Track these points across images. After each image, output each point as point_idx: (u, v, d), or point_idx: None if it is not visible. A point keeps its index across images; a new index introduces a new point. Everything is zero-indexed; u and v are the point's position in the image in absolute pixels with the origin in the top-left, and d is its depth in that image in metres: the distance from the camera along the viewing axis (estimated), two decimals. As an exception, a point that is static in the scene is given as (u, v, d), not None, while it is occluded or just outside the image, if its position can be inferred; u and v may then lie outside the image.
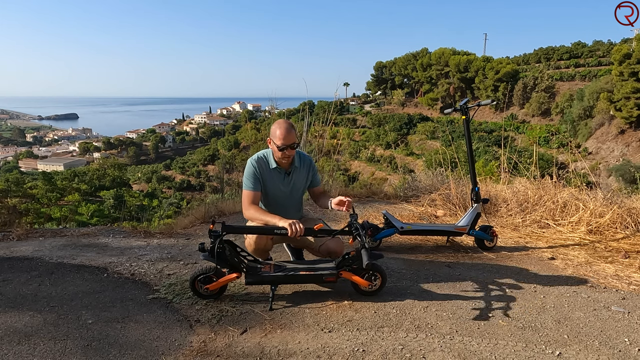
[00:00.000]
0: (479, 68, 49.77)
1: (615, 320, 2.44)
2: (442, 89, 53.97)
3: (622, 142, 36.17)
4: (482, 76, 49.64)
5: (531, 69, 51.15)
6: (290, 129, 2.65)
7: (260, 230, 2.57)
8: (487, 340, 2.20)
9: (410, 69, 58.01)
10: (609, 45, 49.69)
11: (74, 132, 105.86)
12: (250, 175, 2.73)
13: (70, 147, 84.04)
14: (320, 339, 2.21)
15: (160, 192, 52.23)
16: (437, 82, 54.86)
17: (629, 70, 35.24)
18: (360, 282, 2.61)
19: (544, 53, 55.48)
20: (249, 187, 2.73)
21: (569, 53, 52.66)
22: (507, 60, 51.59)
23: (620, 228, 4.00)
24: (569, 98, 44.15)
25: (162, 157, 73.81)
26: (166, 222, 15.08)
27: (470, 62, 50.66)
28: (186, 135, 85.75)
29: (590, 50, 51.47)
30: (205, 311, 2.48)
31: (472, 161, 3.65)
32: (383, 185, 11.33)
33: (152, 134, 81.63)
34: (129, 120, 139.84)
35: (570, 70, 48.53)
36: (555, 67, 51.15)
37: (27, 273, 2.97)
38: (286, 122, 2.67)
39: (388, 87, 62.44)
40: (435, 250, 3.61)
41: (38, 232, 4.00)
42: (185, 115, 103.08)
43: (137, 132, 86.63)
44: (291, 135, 2.64)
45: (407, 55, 58.72)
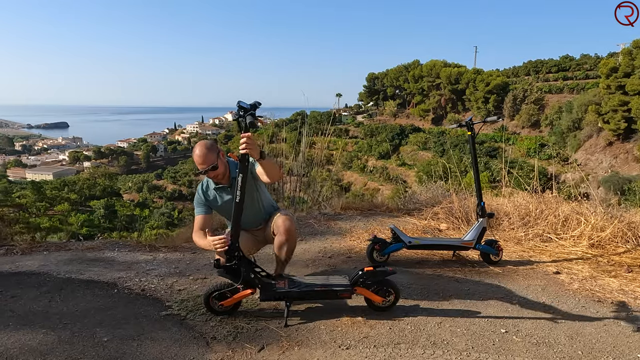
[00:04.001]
0: (469, 80, 50.42)
1: (626, 336, 2.48)
2: (434, 100, 54.54)
3: (610, 154, 36.77)
4: (473, 88, 50.26)
5: (521, 82, 51.91)
6: (205, 152, 2.60)
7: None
8: (504, 356, 2.23)
9: (402, 81, 58.59)
10: (596, 58, 50.71)
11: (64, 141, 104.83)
12: (197, 202, 2.82)
13: (60, 156, 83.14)
14: (338, 356, 2.21)
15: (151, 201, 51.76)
16: (428, 93, 55.44)
17: (615, 83, 35.97)
18: (374, 298, 2.63)
19: (533, 66, 56.40)
20: (196, 213, 2.81)
21: (557, 66, 53.59)
22: (497, 73, 52.40)
23: (621, 242, 4.07)
24: (558, 110, 44.85)
25: (153, 167, 73.33)
26: (166, 234, 14.89)
27: (461, 74, 51.32)
28: (178, 144, 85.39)
29: (577, 64, 52.44)
30: (220, 328, 2.47)
31: (478, 176, 3.71)
32: (376, 196, 11.36)
33: (143, 143, 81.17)
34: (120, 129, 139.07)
35: (558, 83, 49.36)
36: (544, 79, 51.98)
37: (36, 289, 2.94)
38: (200, 146, 2.62)
39: (380, 98, 62.97)
40: (442, 265, 3.64)
41: (42, 245, 3.96)
42: (177, 125, 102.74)
43: (128, 141, 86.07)
44: (207, 158, 2.60)
45: (398, 66, 59.34)
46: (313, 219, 4.83)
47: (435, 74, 53.47)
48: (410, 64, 58.12)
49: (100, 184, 47.84)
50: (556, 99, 47.42)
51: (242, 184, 2.41)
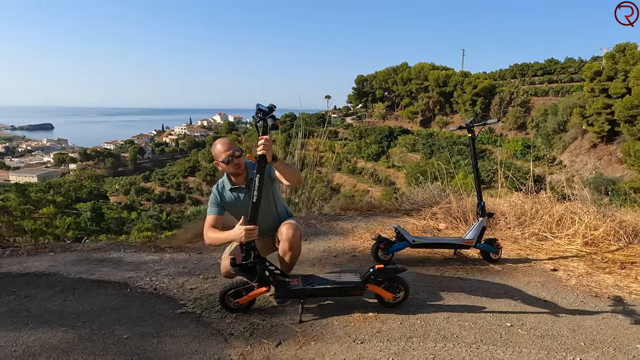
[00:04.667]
0: (457, 83, 50.99)
1: (624, 328, 2.60)
2: (422, 102, 55.02)
3: (595, 156, 37.51)
4: (461, 91, 50.85)
5: (507, 84, 52.69)
6: (227, 141, 2.76)
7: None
8: (512, 348, 2.33)
9: (390, 83, 59.01)
10: (580, 62, 51.76)
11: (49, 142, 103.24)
12: (211, 202, 2.85)
13: (45, 158, 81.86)
14: (354, 350, 2.29)
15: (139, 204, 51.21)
16: (417, 95, 55.91)
17: (599, 87, 36.75)
18: (385, 295, 2.72)
19: (519, 69, 57.31)
20: (209, 213, 2.83)
21: (542, 69, 54.56)
22: (484, 76, 53.05)
23: (613, 240, 4.22)
24: (543, 113, 45.63)
25: (140, 169, 72.63)
26: (154, 236, 14.89)
27: (449, 76, 51.89)
28: (166, 146, 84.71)
29: (562, 67, 53.45)
30: (236, 324, 2.53)
31: (478, 177, 3.83)
32: (366, 197, 11.43)
33: (130, 145, 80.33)
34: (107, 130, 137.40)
35: (544, 86, 50.23)
36: (530, 82, 52.86)
37: (48, 289, 2.97)
38: (220, 139, 2.79)
39: (369, 100, 63.31)
40: (444, 263, 3.75)
41: (47, 247, 3.97)
42: (165, 127, 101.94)
43: (115, 143, 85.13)
44: (230, 146, 2.72)
45: (387, 69, 59.75)
46: (314, 220, 4.91)
47: (424, 77, 53.98)
48: (399, 66, 58.58)
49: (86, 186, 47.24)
50: (542, 101, 48.24)
51: (259, 185, 2.48)
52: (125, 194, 58.44)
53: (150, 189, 60.69)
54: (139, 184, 61.96)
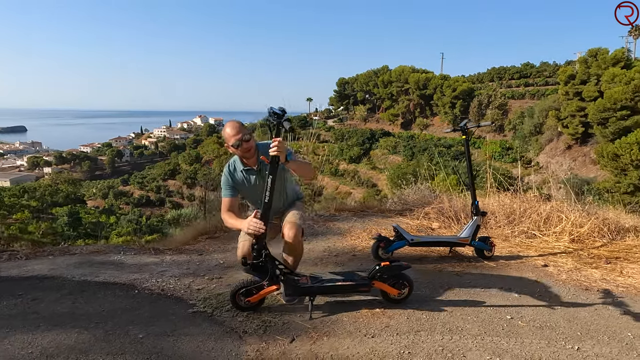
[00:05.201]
0: (437, 86, 51.88)
1: (615, 318, 2.77)
2: (403, 105, 55.74)
3: (570, 157, 38.67)
4: (440, 93, 51.74)
5: (485, 87, 53.86)
6: (238, 124, 2.73)
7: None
8: (514, 339, 2.46)
9: (371, 86, 59.60)
10: (555, 66, 53.30)
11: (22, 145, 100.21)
12: (224, 183, 2.86)
13: (18, 162, 79.45)
14: (366, 344, 2.38)
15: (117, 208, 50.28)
16: (397, 98, 56.63)
17: (573, 90, 37.95)
18: (391, 291, 2.82)
19: (496, 72, 58.66)
20: (224, 195, 2.86)
21: (519, 73, 55.99)
22: (463, 79, 54.13)
23: (598, 237, 4.43)
24: (520, 115, 46.79)
25: (119, 172, 71.27)
26: (133, 240, 14.70)
27: (429, 79, 52.74)
28: (145, 149, 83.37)
29: (538, 71, 54.96)
30: (249, 322, 2.59)
31: (472, 178, 3.98)
32: (347, 198, 11.54)
33: (108, 148, 78.78)
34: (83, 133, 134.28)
35: (520, 89, 51.53)
36: (507, 85, 54.14)
37: (55, 292, 2.96)
38: (231, 122, 2.77)
39: (350, 103, 63.78)
40: (441, 261, 3.87)
41: (46, 250, 3.94)
42: (144, 129, 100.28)
43: (92, 146, 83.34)
44: (240, 130, 2.70)
45: (368, 72, 60.35)
46: (311, 220, 4.99)
47: (404, 80, 54.71)
48: (380, 69, 59.22)
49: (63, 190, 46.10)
50: (518, 104, 49.47)
51: (271, 186, 2.55)
52: (103, 197, 57.29)
53: (129, 193, 59.62)
54: (117, 188, 60.82)
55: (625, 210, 5.27)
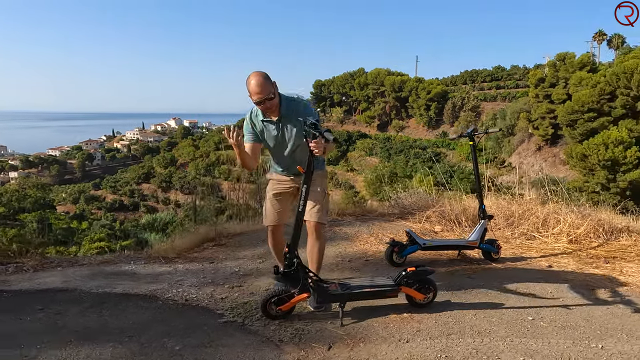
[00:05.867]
0: (412, 88, 52.74)
1: (628, 317, 2.92)
2: (379, 107, 56.39)
3: (540, 157, 39.99)
4: (415, 96, 52.64)
5: (458, 90, 55.11)
6: (263, 81, 2.62)
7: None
8: (541, 340, 2.57)
9: (348, 88, 60.05)
10: (524, 69, 55.02)
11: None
12: (245, 129, 2.86)
13: (-19, 166, 76.09)
14: (402, 349, 2.44)
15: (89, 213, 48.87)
16: (373, 100, 57.24)
17: (543, 93, 39.31)
18: (417, 296, 2.88)
19: (469, 75, 60.09)
20: (245, 141, 2.83)
21: (490, 76, 57.54)
22: (437, 82, 55.23)
23: (594, 237, 4.64)
24: (493, 117, 48.07)
25: (90, 176, 69.24)
26: (108, 246, 14.30)
27: (404, 82, 53.56)
28: (117, 152, 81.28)
29: (508, 74, 56.64)
30: (282, 331, 2.61)
31: (479, 182, 4.10)
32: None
33: (78, 151, 76.42)
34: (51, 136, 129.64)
35: (492, 92, 52.98)
36: (479, 88, 55.56)
37: (76, 305, 2.90)
38: (257, 76, 2.64)
39: (327, 105, 64.04)
40: (451, 264, 3.98)
41: (53, 262, 3.83)
42: (116, 132, 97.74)
43: (61, 149, 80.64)
44: (264, 88, 2.61)
45: (345, 74, 60.77)
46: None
47: (380, 82, 55.36)
48: (356, 71, 59.73)
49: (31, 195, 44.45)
50: (491, 106, 50.84)
51: (306, 195, 2.58)
52: (73, 202, 55.55)
53: (101, 197, 58.03)
54: (88, 192, 59.11)
55: (615, 212, 5.53)
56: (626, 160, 29.71)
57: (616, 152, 29.68)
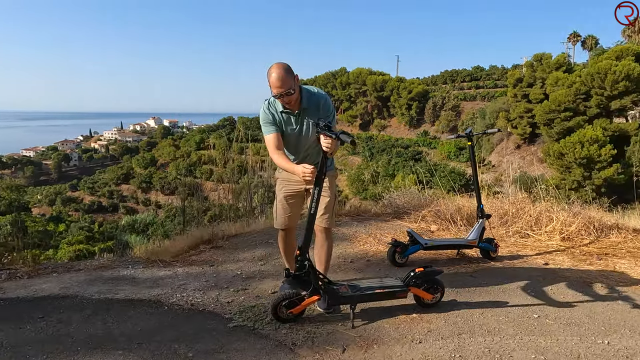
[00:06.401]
0: (393, 88, 53.10)
1: (627, 312, 3.00)
2: (361, 106, 56.63)
3: (519, 156, 40.81)
4: (397, 95, 53.02)
5: (439, 89, 55.79)
6: (284, 75, 2.56)
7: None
8: (549, 337, 2.61)
9: (330, 87, 60.03)
10: (503, 69, 56.09)
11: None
12: (264, 121, 2.78)
13: (-50, 167, 73.38)
14: (416, 350, 2.45)
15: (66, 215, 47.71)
16: (355, 100, 57.45)
17: (521, 92, 40.12)
18: (425, 296, 2.90)
19: (449, 75, 60.93)
20: (267, 132, 2.78)
21: (470, 76, 58.46)
22: (418, 81, 55.78)
23: (585, 234, 4.76)
24: (472, 116, 48.84)
25: (66, 177, 67.51)
26: (87, 249, 14.02)
27: (386, 82, 53.89)
28: (95, 152, 79.50)
29: (487, 74, 57.64)
30: (294, 334, 2.59)
31: (477, 181, 4.16)
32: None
33: (54, 152, 74.43)
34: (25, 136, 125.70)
35: (472, 92, 53.81)
36: (459, 88, 56.37)
37: (78, 312, 2.81)
38: (278, 68, 2.58)
39: (309, 104, 63.96)
40: (451, 263, 4.02)
41: (47, 267, 3.71)
42: (93, 132, 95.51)
43: (36, 150, 78.41)
44: (285, 82, 2.56)
45: (326, 73, 60.82)
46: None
47: (362, 82, 55.57)
48: (338, 71, 59.84)
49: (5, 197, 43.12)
50: (470, 106, 51.62)
51: (318, 196, 2.56)
52: (50, 204, 54.13)
53: (79, 199, 56.68)
54: (65, 194, 57.64)
55: (603, 209, 5.68)
56: (601, 158, 30.60)
57: (591, 150, 30.55)
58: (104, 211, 54.15)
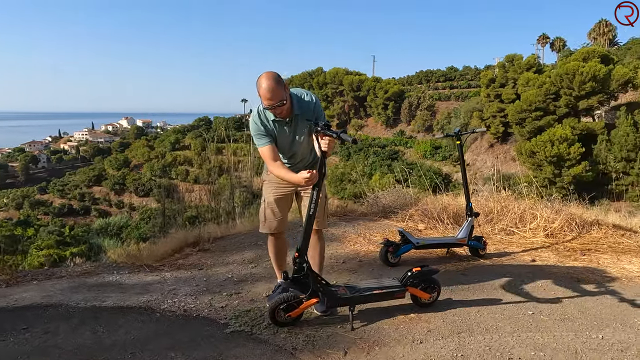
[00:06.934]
0: (370, 87, 53.48)
1: (616, 306, 3.07)
2: (338, 106, 56.78)
3: (493, 155, 41.75)
4: (373, 95, 53.42)
5: (414, 90, 56.53)
6: (275, 86, 2.51)
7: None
8: (546, 333, 2.65)
9: (307, 87, 59.91)
10: (475, 70, 57.23)
11: None
12: (256, 132, 2.73)
13: None
14: (418, 350, 2.44)
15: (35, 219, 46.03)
16: (332, 100, 57.55)
17: (494, 92, 41.04)
18: (423, 295, 2.90)
19: (424, 75, 61.78)
20: (262, 144, 2.74)
21: (444, 76, 59.43)
22: (394, 81, 56.34)
23: (568, 231, 4.87)
24: (447, 116, 49.67)
25: (34, 180, 65.09)
26: (57, 253, 13.62)
27: (362, 81, 54.21)
28: (64, 154, 76.97)
29: (461, 74, 58.70)
30: (293, 338, 2.53)
31: (466, 181, 4.19)
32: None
33: (20, 153, 71.68)
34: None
35: (446, 92, 54.73)
36: (434, 88, 57.24)
37: (64, 321, 2.68)
38: (268, 80, 2.52)
39: (285, 104, 63.75)
40: (441, 261, 4.04)
41: (27, 275, 3.54)
42: (63, 132, 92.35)
43: (2, 152, 75.39)
44: (276, 94, 2.52)
45: (303, 73, 60.67)
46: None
47: (339, 81, 55.73)
48: (314, 70, 59.80)
49: (-32, 201, 41.34)
50: (445, 105, 52.49)
51: (316, 198, 2.52)
52: (17, 208, 52.19)
53: (48, 202, 54.85)
54: (33, 197, 55.69)
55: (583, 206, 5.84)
56: (570, 156, 31.64)
57: (561, 148, 31.55)
58: (75, 214, 52.62)
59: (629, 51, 45.68)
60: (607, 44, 50.44)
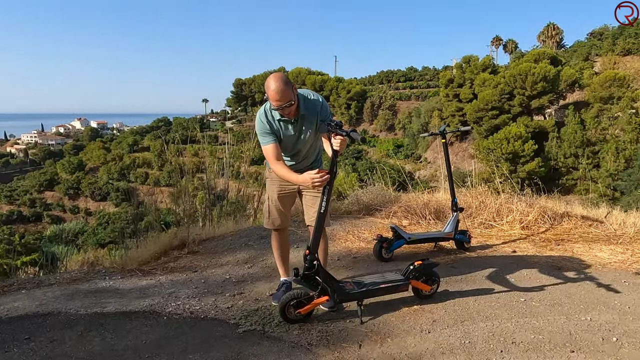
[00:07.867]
0: (332, 87, 53.93)
1: (597, 290, 3.31)
2: (301, 106, 56.83)
3: (452, 153, 43.11)
4: (336, 95, 53.90)
5: (376, 89, 57.49)
6: (283, 87, 2.55)
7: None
8: (541, 319, 2.83)
9: (269, 87, 59.70)
10: (434, 71, 58.97)
11: None
12: (261, 131, 2.76)
13: None
14: (428, 340, 2.55)
15: (-20, 227, 43.24)
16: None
17: (452, 92, 42.43)
18: (424, 288, 3.02)
19: (385, 75, 62.95)
20: (266, 143, 2.77)
21: (404, 76, 60.81)
22: (356, 81, 57.08)
23: (541, 223, 5.17)
24: (408, 115, 50.88)
25: (-22, 185, 61.09)
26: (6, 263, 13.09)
27: (325, 81, 54.57)
28: (11, 157, 72.60)
29: (420, 75, 60.31)
30: (307, 334, 2.58)
31: (451, 177, 4.37)
32: (251, 202, 11.56)
33: (-39, 158, 67.05)
34: None
35: (407, 91, 56.03)
36: (395, 88, 58.46)
37: (69, 329, 2.60)
38: (277, 81, 2.56)
39: (248, 104, 63.15)
40: (430, 255, 4.17)
41: (14, 284, 3.38)
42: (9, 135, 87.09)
43: (-64, 157, 70.22)
44: (285, 95, 2.56)
45: (265, 73, 60.11)
46: (292, 227, 4.98)
47: (301, 81, 55.73)
48: (277, 70, 59.56)
49: None
50: (406, 105, 53.77)
51: (328, 196, 2.58)
52: (-41, 216, 48.77)
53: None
54: (-22, 204, 52.22)
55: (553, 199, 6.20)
56: (524, 153, 33.23)
57: (516, 145, 33.07)
58: (25, 221, 49.84)
59: (575, 53, 48.54)
60: (555, 46, 53.32)
